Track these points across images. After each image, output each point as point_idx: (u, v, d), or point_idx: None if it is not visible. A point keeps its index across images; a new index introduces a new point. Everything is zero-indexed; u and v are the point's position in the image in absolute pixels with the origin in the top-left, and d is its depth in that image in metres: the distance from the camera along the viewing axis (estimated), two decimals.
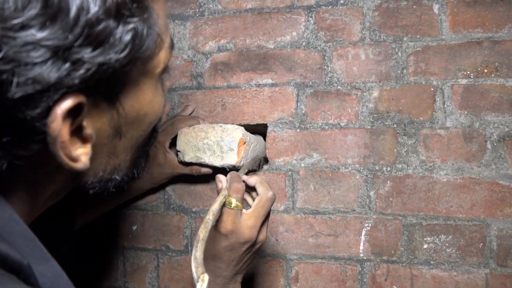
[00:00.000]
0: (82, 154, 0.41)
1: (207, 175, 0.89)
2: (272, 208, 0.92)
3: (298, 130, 0.94)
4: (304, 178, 0.93)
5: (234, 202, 0.65)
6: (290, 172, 0.93)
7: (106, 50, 0.37)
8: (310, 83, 0.94)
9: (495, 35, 0.87)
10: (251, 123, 0.96)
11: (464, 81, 0.87)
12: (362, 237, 0.89)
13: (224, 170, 0.84)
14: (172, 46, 0.49)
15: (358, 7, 0.94)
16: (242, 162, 0.80)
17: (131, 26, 0.38)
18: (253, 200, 0.70)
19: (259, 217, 0.65)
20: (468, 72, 0.87)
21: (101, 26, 0.36)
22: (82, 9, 0.34)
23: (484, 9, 0.88)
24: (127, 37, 0.38)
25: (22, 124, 0.36)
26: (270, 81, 0.96)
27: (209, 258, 0.65)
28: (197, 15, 1.01)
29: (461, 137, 0.86)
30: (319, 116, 0.93)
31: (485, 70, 0.87)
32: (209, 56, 1.00)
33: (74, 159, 0.40)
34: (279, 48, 0.97)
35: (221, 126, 0.79)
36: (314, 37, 0.95)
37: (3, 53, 0.32)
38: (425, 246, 0.86)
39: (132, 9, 0.38)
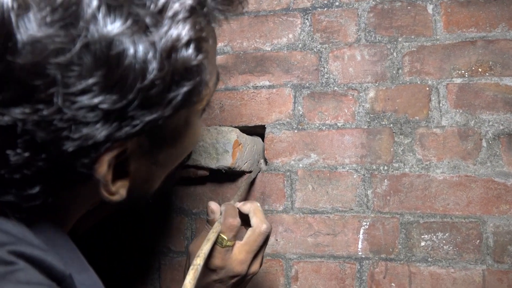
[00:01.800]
0: (120, 187, 0.44)
1: (205, 177, 0.90)
2: (271, 209, 0.94)
3: (295, 131, 0.95)
4: (302, 178, 0.94)
5: (225, 241, 0.60)
6: (288, 173, 0.94)
7: (156, 109, 0.38)
8: (307, 84, 0.95)
9: (488, 35, 0.88)
10: (249, 125, 0.97)
11: (459, 80, 0.89)
12: (360, 236, 0.90)
13: (220, 172, 0.85)
14: (217, 83, 0.49)
15: (353, 8, 0.95)
16: (237, 164, 0.81)
17: (184, 89, 0.39)
18: (247, 228, 0.66)
19: (250, 252, 0.62)
20: (463, 71, 0.89)
21: (154, 91, 0.37)
22: (139, 76, 0.36)
23: (478, 9, 0.89)
24: (178, 99, 0.39)
25: (71, 170, 0.39)
26: (267, 83, 0.97)
27: None
28: None
29: (456, 136, 0.88)
30: (316, 116, 0.94)
31: (480, 69, 0.88)
32: None
33: (113, 194, 0.43)
34: (276, 50, 0.98)
35: (216, 129, 0.81)
36: (310, 39, 0.96)
37: (64, 114, 0.35)
38: (423, 243, 0.87)
39: (187, 75, 0.39)
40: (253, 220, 0.64)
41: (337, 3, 0.96)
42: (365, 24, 0.94)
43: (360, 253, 0.90)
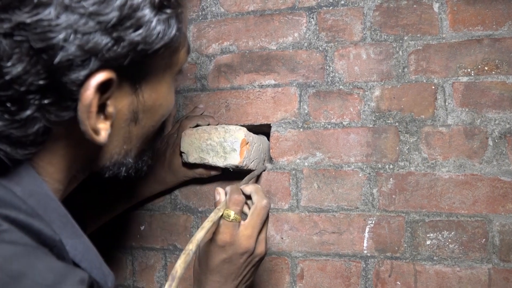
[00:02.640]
0: (103, 129, 0.46)
1: (213, 176, 0.91)
2: (277, 207, 0.94)
3: (301, 129, 0.95)
4: (307, 177, 0.94)
5: (232, 214, 0.64)
6: (294, 171, 0.95)
7: (143, 33, 0.42)
8: (313, 83, 0.96)
9: (495, 33, 0.88)
10: (255, 124, 0.98)
11: (465, 79, 0.88)
12: (366, 234, 0.90)
13: (228, 171, 0.86)
14: (189, 51, 0.55)
15: (358, 7, 0.95)
16: (245, 162, 0.81)
17: (165, 16, 0.44)
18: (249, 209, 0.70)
19: (255, 226, 0.65)
20: (469, 70, 0.88)
21: (141, 12, 0.42)
22: None
23: (484, 7, 0.89)
24: (161, 25, 0.44)
25: (61, 88, 0.41)
26: (273, 82, 0.98)
27: (207, 272, 0.65)
28: (200, 18, 1.03)
29: (462, 134, 0.87)
30: (321, 115, 0.95)
31: (486, 68, 0.88)
32: (212, 58, 1.02)
33: (96, 131, 0.45)
34: (281, 49, 0.98)
35: (223, 127, 0.81)
36: (315, 37, 0.97)
37: (62, 20, 0.38)
38: (428, 242, 0.87)
39: (171, 2, 0.45)
40: (255, 197, 0.68)
41: (342, 2, 0.96)
42: (371, 23, 0.94)
43: (365, 252, 0.90)
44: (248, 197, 0.70)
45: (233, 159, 0.81)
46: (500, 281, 0.83)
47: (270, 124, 0.97)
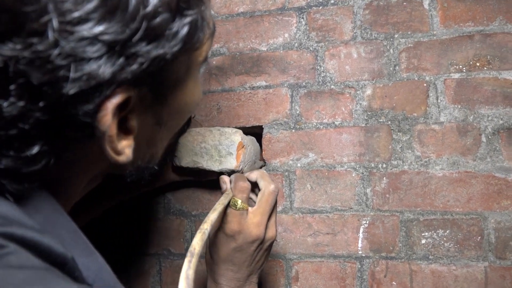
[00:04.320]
0: (125, 147, 0.41)
1: (204, 180, 0.90)
2: None
3: (293, 130, 0.95)
4: (300, 178, 0.93)
5: (239, 203, 0.63)
6: (286, 173, 0.94)
7: (162, 44, 0.36)
8: (304, 83, 0.95)
9: (486, 28, 0.87)
10: (247, 126, 0.97)
11: (456, 75, 0.88)
12: (360, 235, 0.89)
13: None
14: (213, 33, 0.47)
15: (348, 6, 0.94)
16: (241, 167, 0.80)
17: (188, 19, 0.38)
18: (257, 196, 0.68)
19: (264, 213, 0.64)
20: (461, 66, 0.88)
21: (158, 20, 0.35)
22: (141, 2, 0.34)
23: (475, 2, 0.88)
24: (184, 31, 0.38)
25: (72, 120, 0.36)
26: (264, 83, 0.97)
27: (220, 262, 0.64)
28: None
29: (455, 131, 0.87)
30: (313, 116, 0.94)
31: (477, 64, 0.87)
32: None
33: (119, 153, 0.40)
34: (272, 50, 0.97)
35: (219, 130, 0.80)
36: (306, 37, 0.96)
37: (61, 48, 0.32)
38: (423, 241, 0.86)
39: (190, 2, 0.38)
40: (261, 183, 0.66)
41: (332, 1, 0.95)
42: (361, 21, 0.93)
43: (360, 252, 0.89)
44: (255, 184, 0.69)
45: (229, 163, 0.79)
46: (496, 279, 0.82)
47: (262, 125, 0.96)
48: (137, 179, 0.51)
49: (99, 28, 0.32)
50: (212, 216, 0.56)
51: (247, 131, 0.98)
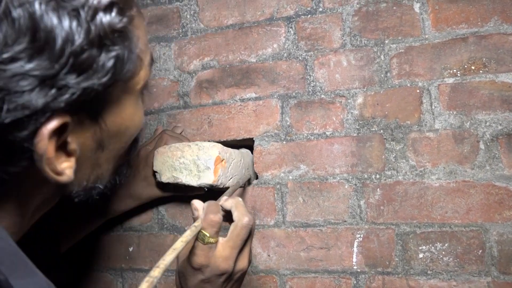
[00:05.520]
0: (66, 168, 0.44)
1: (189, 195, 0.89)
2: (262, 223, 0.92)
3: (284, 142, 0.93)
4: (292, 190, 0.91)
5: (207, 237, 0.59)
6: (278, 186, 0.92)
7: (90, 76, 0.40)
8: (294, 94, 0.93)
9: (480, 30, 0.83)
10: (237, 138, 0.96)
11: (451, 80, 0.84)
12: (355, 249, 0.86)
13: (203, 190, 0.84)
14: (151, 63, 0.52)
15: (337, 13, 0.92)
16: (220, 181, 0.79)
17: (113, 54, 0.42)
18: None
19: (234, 247, 0.61)
20: (455, 71, 0.84)
21: (85, 55, 0.39)
22: (67, 41, 0.37)
23: (467, 3, 0.84)
24: (110, 64, 0.41)
25: (11, 145, 0.39)
26: (253, 95, 0.96)
27: None
28: (180, 35, 1.03)
29: (451, 139, 0.82)
30: (304, 126, 0.92)
31: (473, 67, 0.83)
32: (194, 74, 1.01)
33: (59, 173, 0.43)
34: (261, 62, 0.96)
35: (197, 145, 0.78)
36: (295, 47, 0.94)
37: None
38: (421, 255, 0.82)
39: (114, 39, 0.41)
40: (235, 214, 0.62)
41: (320, 9, 0.93)
42: (350, 28, 0.91)
43: (355, 267, 0.85)
44: (230, 212, 0.65)
45: (207, 178, 0.77)
46: None
47: (252, 138, 0.95)
48: (85, 200, 0.52)
49: (30, 65, 0.36)
50: (168, 259, 0.51)
51: (238, 143, 0.97)
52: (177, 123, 1.00)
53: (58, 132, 0.41)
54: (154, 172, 0.84)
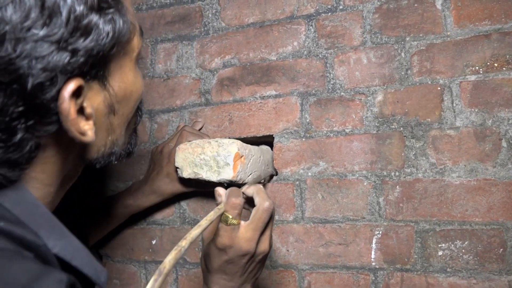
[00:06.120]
0: (88, 129, 0.50)
1: (210, 190, 0.91)
2: (281, 219, 0.93)
3: (303, 139, 0.94)
4: (311, 187, 0.92)
5: (230, 219, 0.64)
6: (297, 182, 0.93)
7: (94, 38, 0.46)
8: (313, 91, 0.94)
9: (504, 26, 0.82)
10: (258, 135, 0.97)
11: (473, 77, 0.83)
12: (373, 245, 0.86)
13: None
14: (141, 33, 0.58)
15: (357, 11, 0.92)
16: (239, 177, 0.81)
17: (109, 16, 0.48)
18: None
19: (256, 229, 0.65)
20: (477, 68, 0.83)
21: (87, 20, 0.45)
22: (70, 9, 0.43)
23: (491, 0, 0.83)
24: (108, 26, 0.48)
25: (41, 108, 0.45)
26: (274, 92, 0.97)
27: (213, 272, 0.67)
28: (202, 34, 1.05)
29: (472, 137, 0.82)
30: (323, 124, 0.92)
31: (495, 64, 0.82)
32: (215, 72, 1.03)
33: (83, 133, 0.49)
34: (281, 59, 0.97)
35: (217, 141, 0.81)
36: (315, 45, 0.95)
37: (19, 52, 0.41)
38: (440, 253, 0.82)
39: (109, 2, 0.48)
40: (256, 199, 0.67)
41: (341, 7, 0.94)
42: (371, 26, 0.91)
43: (373, 264, 0.86)
44: (251, 198, 0.69)
45: (226, 174, 0.79)
46: None
47: (272, 135, 0.96)
48: (105, 165, 0.59)
49: (44, 32, 0.42)
50: (194, 233, 0.56)
51: (259, 140, 0.99)
52: (198, 119, 1.03)
53: (76, 96, 0.47)
54: (176, 168, 0.86)
